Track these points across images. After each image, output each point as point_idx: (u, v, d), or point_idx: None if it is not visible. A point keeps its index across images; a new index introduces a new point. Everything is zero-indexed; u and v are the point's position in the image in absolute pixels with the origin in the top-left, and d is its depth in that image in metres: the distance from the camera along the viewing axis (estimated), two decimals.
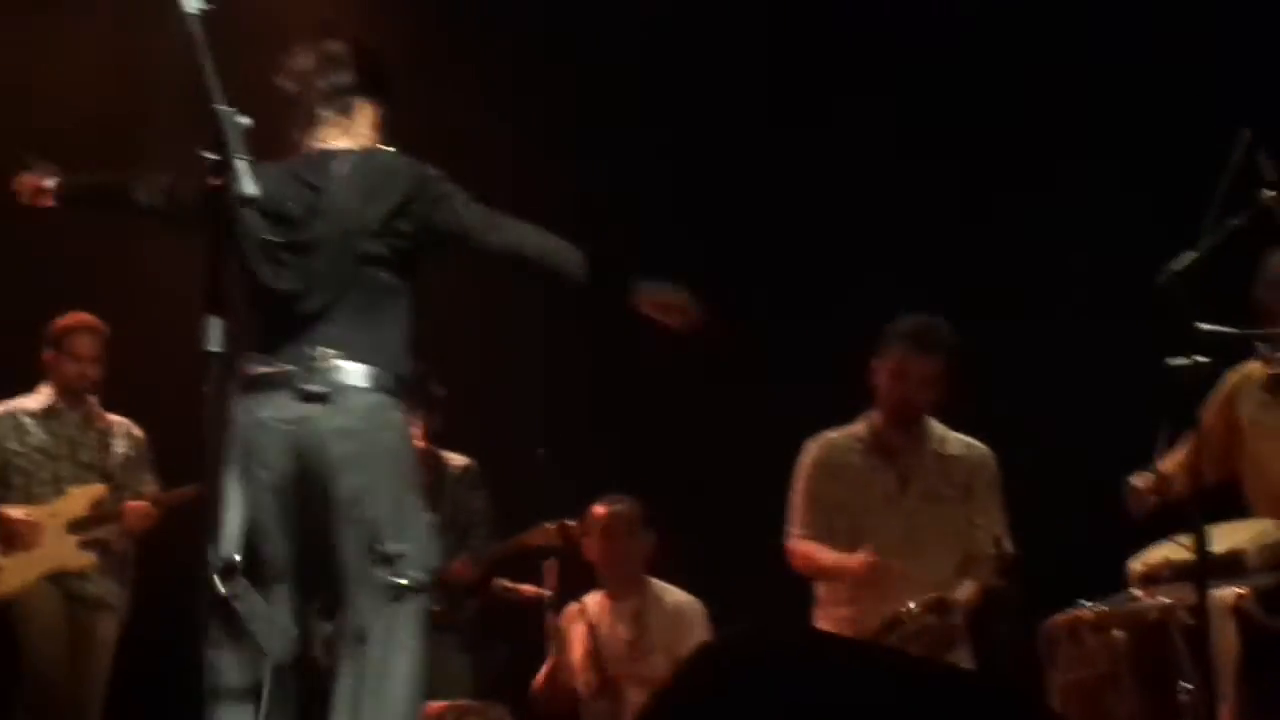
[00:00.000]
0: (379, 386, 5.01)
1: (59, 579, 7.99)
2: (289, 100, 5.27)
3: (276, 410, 4.98)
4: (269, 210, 5.03)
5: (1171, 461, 6.20)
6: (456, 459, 8.19)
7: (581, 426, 8.77)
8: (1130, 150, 8.37)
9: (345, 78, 5.25)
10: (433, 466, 8.14)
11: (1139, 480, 6.17)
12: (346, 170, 5.12)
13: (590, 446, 8.55)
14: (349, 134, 5.26)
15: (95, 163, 7.62)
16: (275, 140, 5.14)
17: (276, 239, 5.09)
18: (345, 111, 5.25)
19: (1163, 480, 6.11)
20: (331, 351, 4.97)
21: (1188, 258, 5.36)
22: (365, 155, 5.18)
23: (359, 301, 5.04)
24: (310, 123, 5.24)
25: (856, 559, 6.46)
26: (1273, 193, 5.54)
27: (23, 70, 8.81)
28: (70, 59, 8.81)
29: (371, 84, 5.31)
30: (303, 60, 5.25)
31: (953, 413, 6.76)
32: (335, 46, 5.29)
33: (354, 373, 4.97)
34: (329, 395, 4.94)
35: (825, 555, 6.63)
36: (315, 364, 4.95)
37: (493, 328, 9.00)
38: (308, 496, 4.97)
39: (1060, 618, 6.14)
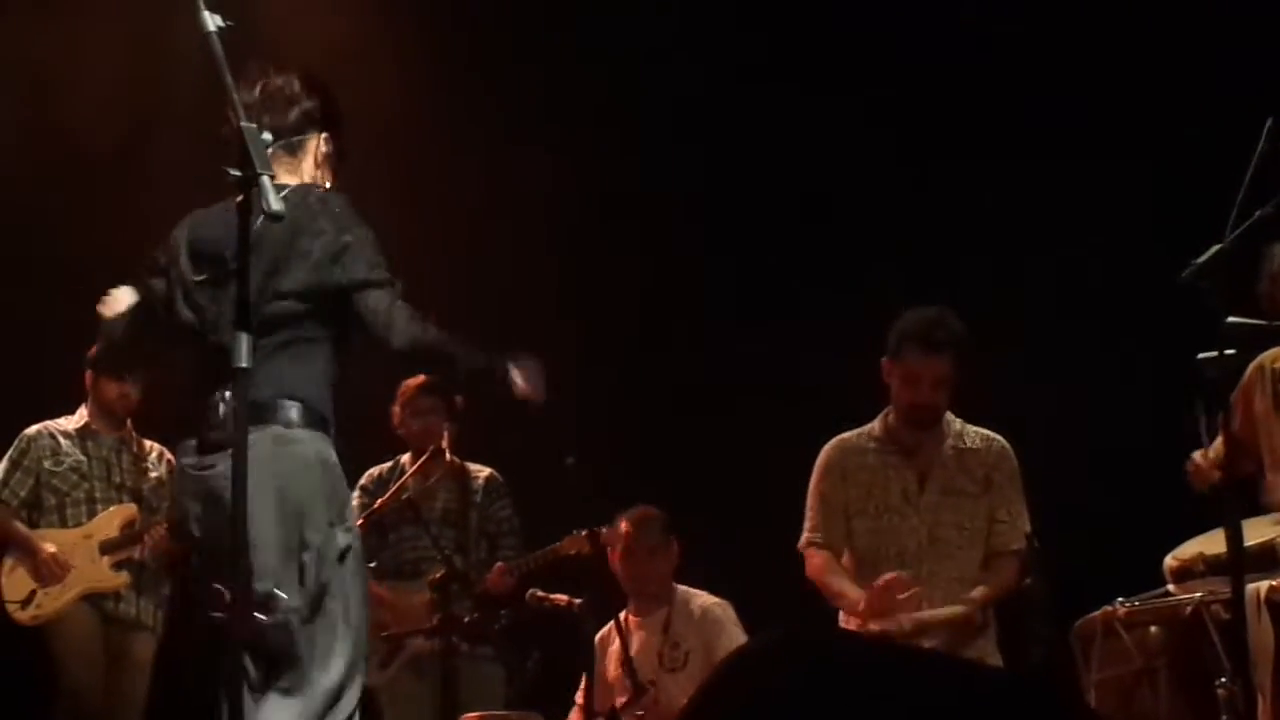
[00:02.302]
0: (286, 423, 4.94)
1: (94, 600, 8.02)
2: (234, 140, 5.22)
3: (188, 455, 5.01)
4: (200, 251, 5.06)
5: (1216, 448, 6.19)
6: (479, 470, 8.24)
7: (610, 433, 8.78)
8: (1156, 140, 8.36)
9: (290, 116, 5.17)
10: (458, 478, 8.18)
11: (1200, 456, 6.14)
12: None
13: (619, 453, 8.57)
14: (293, 171, 5.18)
15: (112, 161, 7.59)
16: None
17: (201, 278, 5.07)
18: (290, 150, 5.19)
19: (1222, 457, 6.08)
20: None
21: (1212, 250, 5.34)
22: (297, 196, 5.02)
23: (277, 343, 4.95)
24: None
25: (859, 600, 6.33)
26: None
27: (42, 66, 8.83)
28: (89, 56, 8.81)
29: (318, 119, 5.24)
30: (248, 99, 5.09)
31: (979, 409, 6.71)
32: (280, 84, 5.20)
33: (259, 412, 4.84)
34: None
35: (833, 580, 6.51)
36: (221, 410, 4.91)
37: (520, 336, 9.02)
38: (214, 539, 4.91)
39: (1095, 615, 6.13)
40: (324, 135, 5.26)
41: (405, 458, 8.20)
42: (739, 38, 9.25)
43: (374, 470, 8.30)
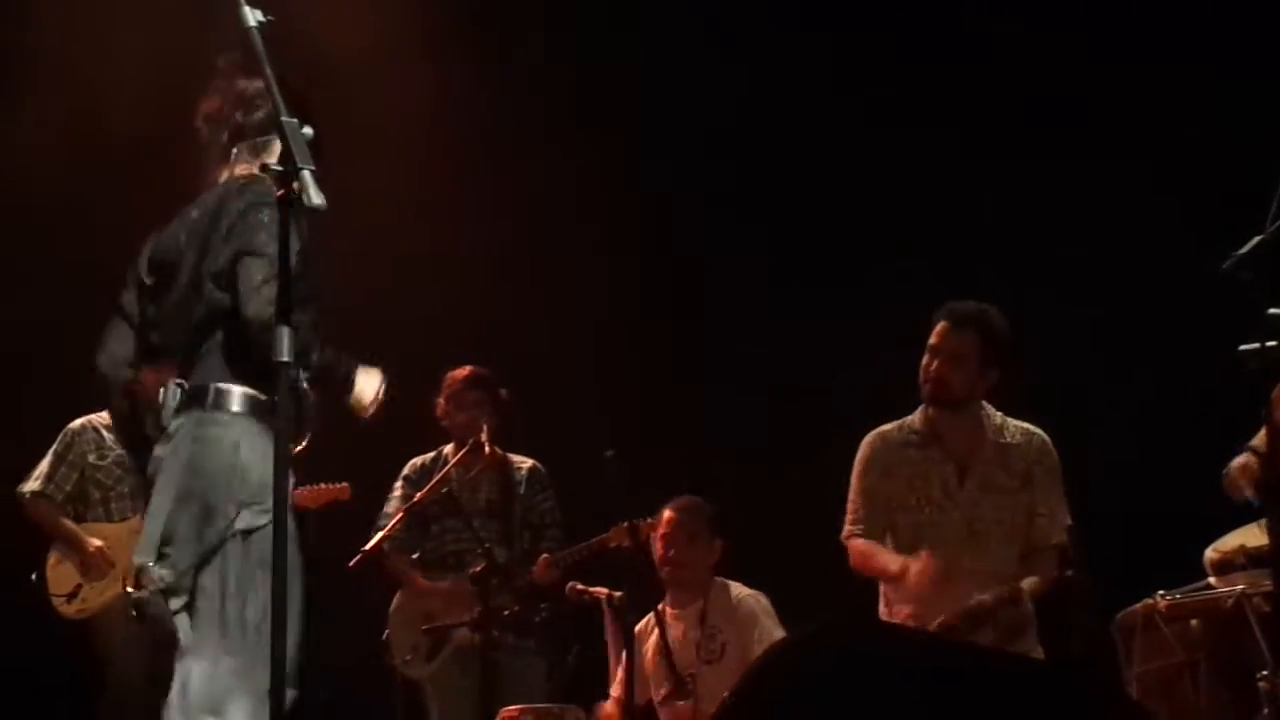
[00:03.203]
0: (214, 407, 5.00)
1: None
2: (204, 140, 5.25)
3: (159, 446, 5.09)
4: (153, 258, 5.17)
5: (1260, 441, 6.15)
6: (522, 461, 8.27)
7: (650, 426, 8.81)
8: (1193, 131, 8.34)
9: (255, 115, 5.18)
10: (501, 469, 8.21)
11: (1238, 464, 6.11)
12: (211, 203, 5.09)
13: (660, 446, 8.60)
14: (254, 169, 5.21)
15: (147, 156, 7.63)
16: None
17: (151, 280, 5.17)
18: (254, 151, 5.20)
19: (1261, 459, 6.05)
20: (178, 384, 5.01)
21: (1254, 241, 5.32)
22: (236, 189, 5.08)
23: (213, 329, 5.01)
24: (224, 160, 5.22)
25: (910, 568, 6.32)
26: None
27: (80, 61, 8.89)
28: (127, 49, 8.85)
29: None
30: (217, 100, 5.20)
31: (1018, 401, 6.70)
32: (249, 85, 5.19)
33: (192, 398, 5.00)
34: (170, 429, 5.00)
35: (880, 558, 6.52)
36: (168, 399, 5.02)
37: (563, 330, 9.07)
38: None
39: (1136, 608, 6.12)
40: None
41: (448, 448, 8.24)
42: (768, 42, 9.26)
43: (417, 460, 8.35)
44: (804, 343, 8.84)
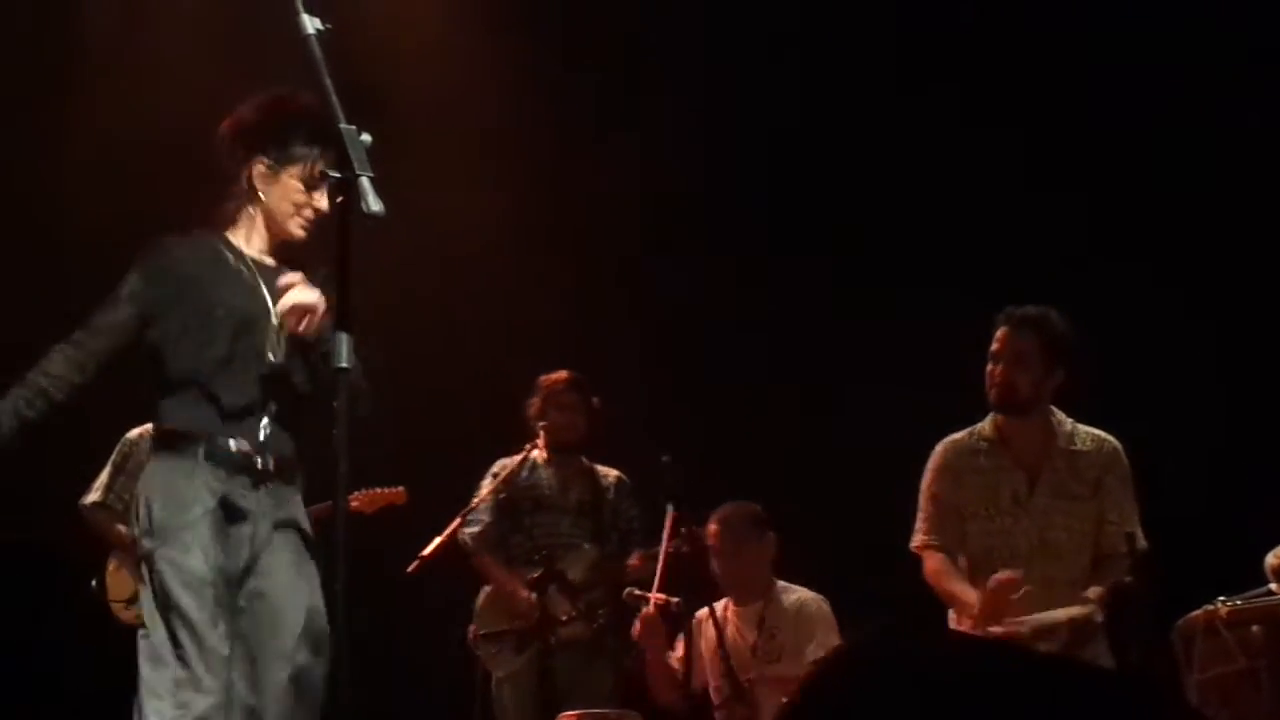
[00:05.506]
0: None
1: None
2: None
3: None
4: None
5: None
6: (608, 471, 8.35)
7: (708, 431, 8.82)
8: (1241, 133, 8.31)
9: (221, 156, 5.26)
10: (589, 477, 8.29)
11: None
12: None
13: (715, 450, 8.61)
14: (238, 216, 5.31)
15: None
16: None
17: None
18: (236, 201, 5.30)
19: None
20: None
21: None
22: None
23: None
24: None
25: (974, 605, 6.32)
26: None
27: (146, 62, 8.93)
28: (180, 55, 8.88)
29: (246, 148, 5.26)
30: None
31: (1084, 408, 6.67)
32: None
33: None
34: None
35: (954, 585, 6.51)
36: None
37: (620, 335, 9.09)
38: None
39: (1197, 614, 6.08)
40: (256, 158, 5.25)
41: (537, 453, 8.28)
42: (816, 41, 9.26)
43: (505, 460, 8.38)
44: (865, 346, 8.83)
